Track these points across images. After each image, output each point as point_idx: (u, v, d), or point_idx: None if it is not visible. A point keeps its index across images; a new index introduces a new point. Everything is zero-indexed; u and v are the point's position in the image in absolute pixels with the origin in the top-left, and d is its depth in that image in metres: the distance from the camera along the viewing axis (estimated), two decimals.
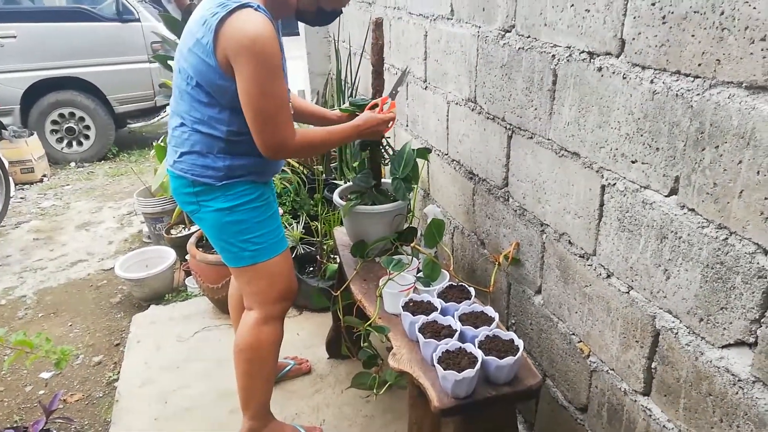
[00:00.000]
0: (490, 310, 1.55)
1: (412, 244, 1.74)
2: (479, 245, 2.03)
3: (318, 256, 2.68)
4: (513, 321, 1.88)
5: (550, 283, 1.63)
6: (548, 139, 1.53)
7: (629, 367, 1.34)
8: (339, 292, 1.88)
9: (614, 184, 1.30)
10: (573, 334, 1.56)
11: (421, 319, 1.51)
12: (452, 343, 1.42)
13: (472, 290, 1.64)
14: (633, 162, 1.23)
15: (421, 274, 1.72)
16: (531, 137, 1.61)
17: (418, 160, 1.88)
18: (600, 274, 1.40)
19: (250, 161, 1.62)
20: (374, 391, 1.67)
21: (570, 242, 1.51)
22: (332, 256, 2.73)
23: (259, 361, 1.77)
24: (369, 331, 1.63)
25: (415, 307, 1.59)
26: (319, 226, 2.78)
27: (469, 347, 1.40)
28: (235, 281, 2.01)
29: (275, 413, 1.93)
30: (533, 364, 1.46)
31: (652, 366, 1.27)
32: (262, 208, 1.69)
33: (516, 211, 1.75)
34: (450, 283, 1.69)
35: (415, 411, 1.53)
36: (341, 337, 2.18)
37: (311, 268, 2.76)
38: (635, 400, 1.34)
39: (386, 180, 2.08)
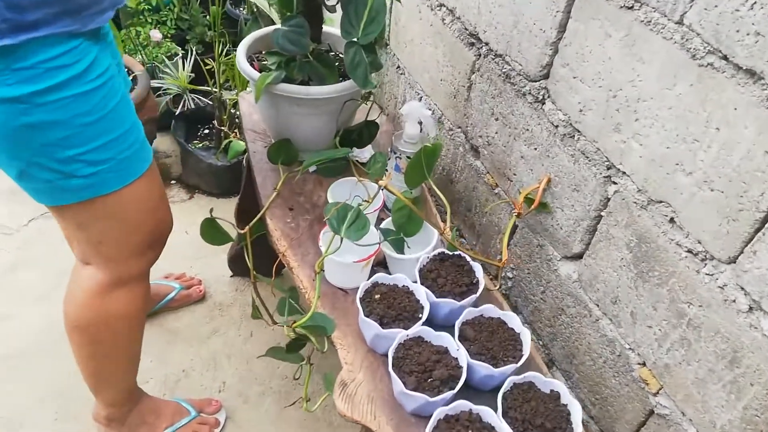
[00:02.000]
0: (512, 318, 0.91)
1: (384, 182, 0.99)
2: (468, 151, 1.32)
3: (216, 121, 1.85)
4: (504, 275, 1.28)
5: (604, 262, 1.00)
6: (678, 23, 0.77)
7: None
8: (249, 228, 1.15)
9: None
10: (630, 349, 0.99)
11: (398, 335, 0.86)
12: (457, 404, 0.80)
13: (478, 269, 0.98)
14: None
15: (388, 224, 1.03)
16: (630, 7, 0.83)
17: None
18: (731, 299, 0.78)
19: None
20: (304, 402, 1.06)
21: (673, 221, 0.85)
22: (237, 116, 1.91)
23: (114, 339, 1.08)
24: (304, 326, 0.96)
25: (384, 304, 0.92)
26: (216, 68, 1.89)
27: (486, 414, 0.79)
28: None
29: (149, 368, 1.30)
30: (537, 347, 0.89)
31: None
32: (98, 92, 0.85)
33: (557, 126, 1.03)
34: (441, 250, 1.01)
35: None
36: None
37: (205, 132, 1.94)
38: None
39: (328, 29, 1.24)
